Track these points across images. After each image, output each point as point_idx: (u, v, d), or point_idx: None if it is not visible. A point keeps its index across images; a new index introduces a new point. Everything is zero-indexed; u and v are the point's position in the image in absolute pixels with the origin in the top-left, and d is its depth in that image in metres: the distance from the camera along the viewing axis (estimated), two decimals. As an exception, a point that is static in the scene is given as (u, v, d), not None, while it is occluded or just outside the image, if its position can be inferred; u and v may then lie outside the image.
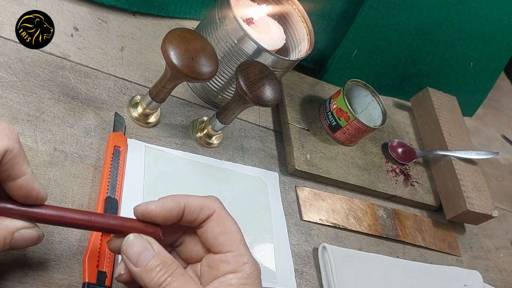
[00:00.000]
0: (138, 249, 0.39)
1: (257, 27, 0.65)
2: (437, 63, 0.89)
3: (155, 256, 0.38)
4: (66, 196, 0.49)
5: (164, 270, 0.38)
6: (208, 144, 0.62)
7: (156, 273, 0.38)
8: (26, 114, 0.51)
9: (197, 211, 0.41)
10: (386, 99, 0.92)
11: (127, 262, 0.39)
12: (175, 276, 0.38)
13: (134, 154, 0.55)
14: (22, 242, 0.38)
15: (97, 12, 0.64)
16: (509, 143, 1.07)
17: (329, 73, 0.82)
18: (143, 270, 0.38)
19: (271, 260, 0.58)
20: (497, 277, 0.80)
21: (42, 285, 0.43)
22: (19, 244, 0.38)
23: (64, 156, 0.51)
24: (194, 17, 0.73)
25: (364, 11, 0.75)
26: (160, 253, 0.39)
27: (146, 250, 0.39)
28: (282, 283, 0.57)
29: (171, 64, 0.50)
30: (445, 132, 0.83)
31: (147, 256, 0.38)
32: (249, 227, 0.59)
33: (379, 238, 0.70)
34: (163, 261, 0.39)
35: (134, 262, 0.39)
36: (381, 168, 0.77)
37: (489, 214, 0.76)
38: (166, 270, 0.38)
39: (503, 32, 0.89)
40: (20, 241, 0.38)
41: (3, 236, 0.36)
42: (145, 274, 0.38)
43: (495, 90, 1.05)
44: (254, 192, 0.63)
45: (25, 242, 0.38)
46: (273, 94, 0.56)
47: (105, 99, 0.58)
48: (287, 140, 0.70)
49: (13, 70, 0.53)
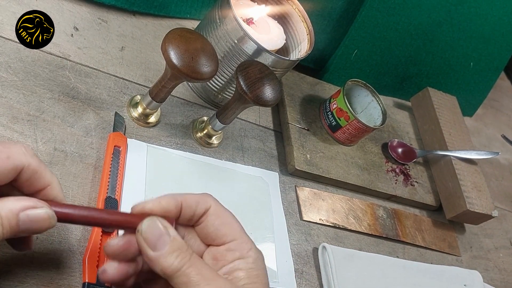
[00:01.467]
0: (156, 233, 0.38)
1: (257, 27, 0.65)
2: (437, 63, 0.89)
3: (172, 240, 0.38)
4: (66, 196, 0.49)
5: (183, 255, 0.38)
6: (208, 144, 0.62)
7: (175, 258, 0.37)
8: (26, 114, 0.51)
9: (194, 206, 0.41)
10: (386, 99, 0.92)
11: (144, 245, 0.38)
12: (192, 261, 0.38)
13: (134, 154, 0.55)
14: (31, 224, 0.36)
15: (97, 12, 0.64)
16: (509, 143, 1.07)
17: (329, 73, 0.82)
18: (161, 254, 0.37)
19: (272, 260, 0.58)
20: (497, 277, 0.80)
21: (42, 285, 0.43)
22: (28, 226, 0.36)
23: (64, 156, 0.51)
24: (194, 17, 0.73)
25: (364, 11, 0.75)
26: (177, 238, 0.39)
27: (165, 235, 0.38)
28: (282, 283, 0.57)
29: (171, 64, 0.50)
30: (445, 132, 0.83)
31: (165, 240, 0.38)
32: (250, 226, 0.59)
33: (379, 238, 0.70)
34: (180, 246, 0.38)
35: (152, 246, 0.38)
36: (381, 168, 0.77)
37: (489, 214, 0.76)
38: (184, 255, 0.38)
39: (503, 32, 0.89)
40: (28, 223, 0.36)
41: (7, 219, 0.35)
42: (164, 259, 0.37)
43: (495, 90, 1.05)
44: (255, 191, 0.63)
45: (34, 224, 0.36)
46: (273, 94, 0.56)
47: (105, 98, 0.58)
48: (287, 140, 0.70)
49: (13, 70, 0.53)
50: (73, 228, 0.47)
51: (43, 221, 0.37)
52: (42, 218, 0.37)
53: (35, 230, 0.37)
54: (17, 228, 0.35)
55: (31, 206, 0.36)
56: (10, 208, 0.35)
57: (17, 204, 0.36)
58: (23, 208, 0.36)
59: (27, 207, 0.36)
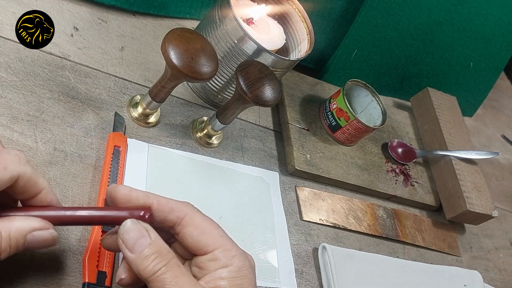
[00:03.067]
0: (134, 235, 0.38)
1: (257, 27, 0.65)
2: (437, 63, 0.89)
3: (151, 243, 0.38)
4: (66, 196, 0.49)
5: (160, 259, 0.38)
6: (208, 144, 0.62)
7: (151, 261, 0.37)
8: (26, 114, 0.51)
9: (166, 212, 0.41)
10: (386, 99, 0.92)
11: (123, 247, 0.38)
12: (170, 266, 0.38)
13: (134, 154, 0.55)
14: (36, 244, 0.38)
15: (97, 12, 0.64)
16: (509, 143, 1.07)
17: (329, 73, 0.82)
18: (138, 257, 0.38)
19: (273, 260, 0.58)
20: (497, 277, 0.80)
21: (42, 285, 0.43)
22: (33, 246, 0.37)
23: (64, 156, 0.51)
24: (194, 17, 0.73)
25: (364, 11, 0.75)
26: (157, 241, 0.38)
27: (143, 237, 0.38)
28: (284, 282, 0.57)
29: (171, 64, 0.50)
30: (445, 132, 0.83)
31: (143, 243, 0.38)
32: (251, 226, 0.59)
33: (379, 238, 0.70)
34: (159, 249, 0.38)
35: (129, 248, 0.38)
36: (381, 168, 0.77)
37: (489, 214, 0.76)
38: (161, 259, 0.38)
39: (503, 32, 0.89)
40: (34, 243, 0.37)
41: (15, 239, 0.36)
42: (140, 261, 0.37)
43: (495, 90, 1.05)
44: (256, 191, 0.63)
45: (39, 244, 0.38)
46: (273, 94, 0.56)
47: (105, 99, 0.58)
48: (287, 140, 0.70)
49: (13, 70, 0.53)
50: (73, 228, 0.47)
51: (47, 241, 0.38)
52: (47, 239, 0.38)
53: (37, 248, 0.38)
54: (22, 247, 0.37)
55: (39, 228, 0.38)
56: (19, 229, 0.37)
57: (25, 225, 0.37)
58: (31, 229, 0.37)
59: (35, 228, 0.37)
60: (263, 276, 0.56)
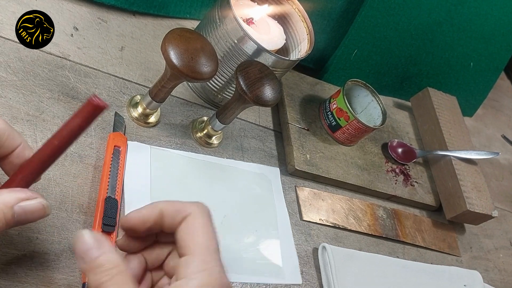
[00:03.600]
0: (83, 247, 0.36)
1: (257, 27, 0.65)
2: (437, 63, 0.89)
3: (101, 255, 0.36)
4: (66, 196, 0.49)
5: (105, 273, 0.36)
6: (208, 144, 0.62)
7: (94, 275, 0.36)
8: (26, 114, 0.51)
9: (174, 214, 0.40)
10: (386, 99, 0.92)
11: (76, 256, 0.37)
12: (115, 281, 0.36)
13: (135, 154, 0.55)
14: (26, 216, 0.36)
15: (97, 11, 0.64)
16: (509, 143, 1.07)
17: (329, 73, 0.82)
18: (85, 268, 0.36)
19: (277, 256, 0.59)
20: (497, 277, 0.80)
21: (42, 285, 0.43)
22: (23, 218, 0.36)
23: (64, 156, 0.51)
24: (194, 17, 0.73)
25: (364, 11, 0.75)
26: (106, 253, 0.36)
27: (93, 248, 0.36)
28: (289, 278, 0.58)
29: (171, 64, 0.50)
30: (445, 132, 0.83)
31: (92, 254, 0.36)
32: (255, 223, 0.59)
33: (379, 238, 0.70)
34: (107, 262, 0.36)
35: (80, 259, 0.37)
36: (381, 168, 0.77)
37: (489, 214, 0.76)
38: (106, 274, 0.36)
39: (503, 32, 0.89)
40: (23, 215, 0.36)
41: (2, 212, 0.35)
42: (88, 272, 0.36)
43: (495, 90, 1.05)
44: (258, 188, 0.63)
45: (29, 215, 0.36)
46: (273, 94, 0.56)
47: (105, 98, 0.58)
48: (287, 140, 0.70)
49: (12, 70, 0.53)
50: (73, 228, 0.47)
51: (38, 211, 0.37)
52: (37, 208, 0.37)
53: (30, 220, 0.37)
54: (12, 220, 0.35)
55: (25, 198, 0.36)
56: (4, 201, 0.35)
57: (11, 196, 0.36)
58: (17, 200, 0.36)
59: (21, 199, 0.36)
60: (268, 272, 0.57)
